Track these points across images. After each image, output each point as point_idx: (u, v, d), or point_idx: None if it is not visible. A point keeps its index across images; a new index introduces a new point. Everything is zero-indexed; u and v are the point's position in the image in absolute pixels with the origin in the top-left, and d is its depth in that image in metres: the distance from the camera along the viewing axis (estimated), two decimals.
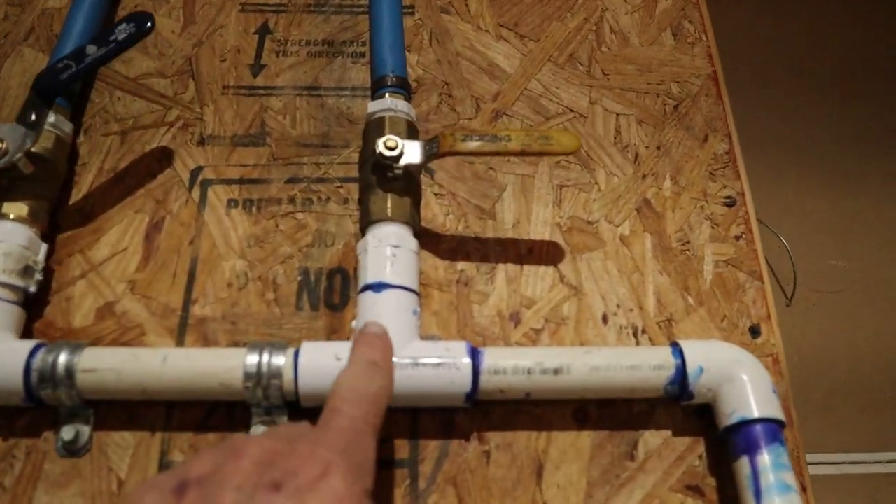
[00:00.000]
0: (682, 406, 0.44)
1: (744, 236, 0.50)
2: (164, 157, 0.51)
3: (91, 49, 0.44)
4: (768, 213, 1.35)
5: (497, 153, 0.43)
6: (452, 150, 0.43)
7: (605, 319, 0.47)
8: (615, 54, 0.57)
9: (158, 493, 0.28)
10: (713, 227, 0.50)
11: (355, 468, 0.29)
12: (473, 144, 0.43)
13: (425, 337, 0.45)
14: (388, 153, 0.44)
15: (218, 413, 0.43)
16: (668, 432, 0.44)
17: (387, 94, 0.49)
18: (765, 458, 0.39)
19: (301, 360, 0.40)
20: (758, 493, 0.38)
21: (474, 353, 0.41)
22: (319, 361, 0.40)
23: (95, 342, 0.45)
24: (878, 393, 1.29)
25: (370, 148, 0.46)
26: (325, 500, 0.27)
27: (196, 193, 0.50)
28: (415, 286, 0.43)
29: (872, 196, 1.49)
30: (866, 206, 1.48)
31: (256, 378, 0.40)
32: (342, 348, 0.40)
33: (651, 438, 0.44)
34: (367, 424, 0.32)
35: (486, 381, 0.40)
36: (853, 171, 1.52)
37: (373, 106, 0.49)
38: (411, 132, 0.48)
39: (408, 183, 0.46)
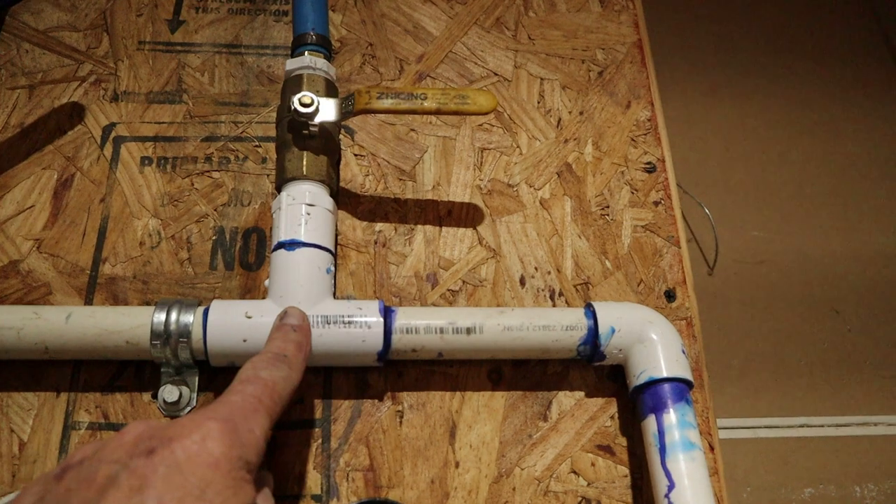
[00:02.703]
0: (596, 367, 0.45)
1: (662, 202, 0.51)
2: (74, 113, 0.49)
3: None
4: (692, 184, 1.37)
5: (412, 111, 0.43)
6: (367, 108, 0.43)
7: (522, 282, 0.47)
8: (542, 20, 0.57)
9: (42, 483, 0.28)
10: (633, 193, 0.51)
11: (236, 438, 0.28)
12: (388, 102, 0.43)
13: (341, 297, 0.45)
14: (302, 110, 0.43)
15: (127, 373, 0.42)
16: (582, 393, 0.44)
17: (306, 52, 0.48)
18: (671, 416, 0.40)
19: (210, 317, 0.39)
20: (663, 450, 0.39)
21: (387, 312, 0.40)
22: (229, 319, 0.39)
23: None
24: (792, 360, 1.34)
25: (286, 105, 0.45)
26: (198, 462, 0.27)
27: (108, 150, 0.48)
28: (329, 245, 0.43)
29: (794, 171, 1.53)
30: (788, 181, 1.52)
31: (164, 336, 0.39)
32: (253, 307, 0.40)
33: (564, 399, 0.44)
34: (260, 403, 0.31)
35: (398, 340, 0.40)
36: (777, 146, 1.56)
37: (291, 63, 0.48)
38: (330, 91, 0.47)
39: (325, 142, 0.45)
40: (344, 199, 0.48)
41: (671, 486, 0.38)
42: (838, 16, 1.76)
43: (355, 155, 0.50)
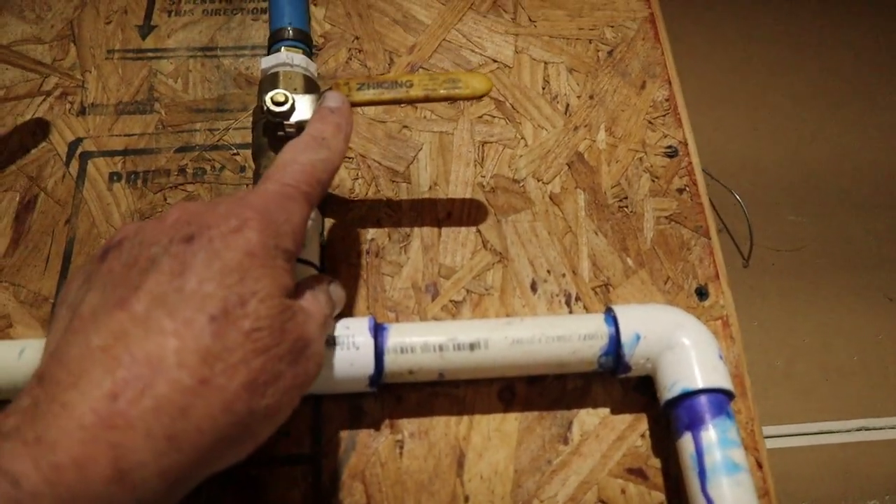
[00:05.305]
0: (621, 380, 0.40)
1: (687, 189, 0.45)
2: (38, 130, 0.46)
3: None
4: (719, 169, 1.27)
5: (398, 101, 0.38)
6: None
7: (533, 287, 0.42)
8: (542, 0, 0.52)
9: (88, 262, 0.30)
10: (653, 181, 0.45)
11: (273, 226, 0.29)
12: (370, 93, 0.38)
13: None
14: (276, 109, 0.39)
15: None
16: (607, 410, 0.39)
17: (283, 48, 0.43)
18: (710, 433, 0.34)
19: None
20: (703, 474, 0.33)
21: (378, 330, 0.36)
22: None
23: None
24: (843, 356, 1.23)
25: (260, 106, 0.40)
26: (235, 248, 0.27)
27: (74, 168, 0.44)
28: (314, 259, 0.38)
29: (830, 148, 1.42)
30: (824, 159, 1.41)
31: None
32: None
33: (587, 418, 0.39)
34: (296, 190, 0.31)
35: (391, 361, 0.35)
36: (809, 122, 1.46)
37: (266, 62, 0.43)
38: (310, 88, 0.42)
39: None
40: (331, 206, 0.43)
41: None
42: None
43: None
